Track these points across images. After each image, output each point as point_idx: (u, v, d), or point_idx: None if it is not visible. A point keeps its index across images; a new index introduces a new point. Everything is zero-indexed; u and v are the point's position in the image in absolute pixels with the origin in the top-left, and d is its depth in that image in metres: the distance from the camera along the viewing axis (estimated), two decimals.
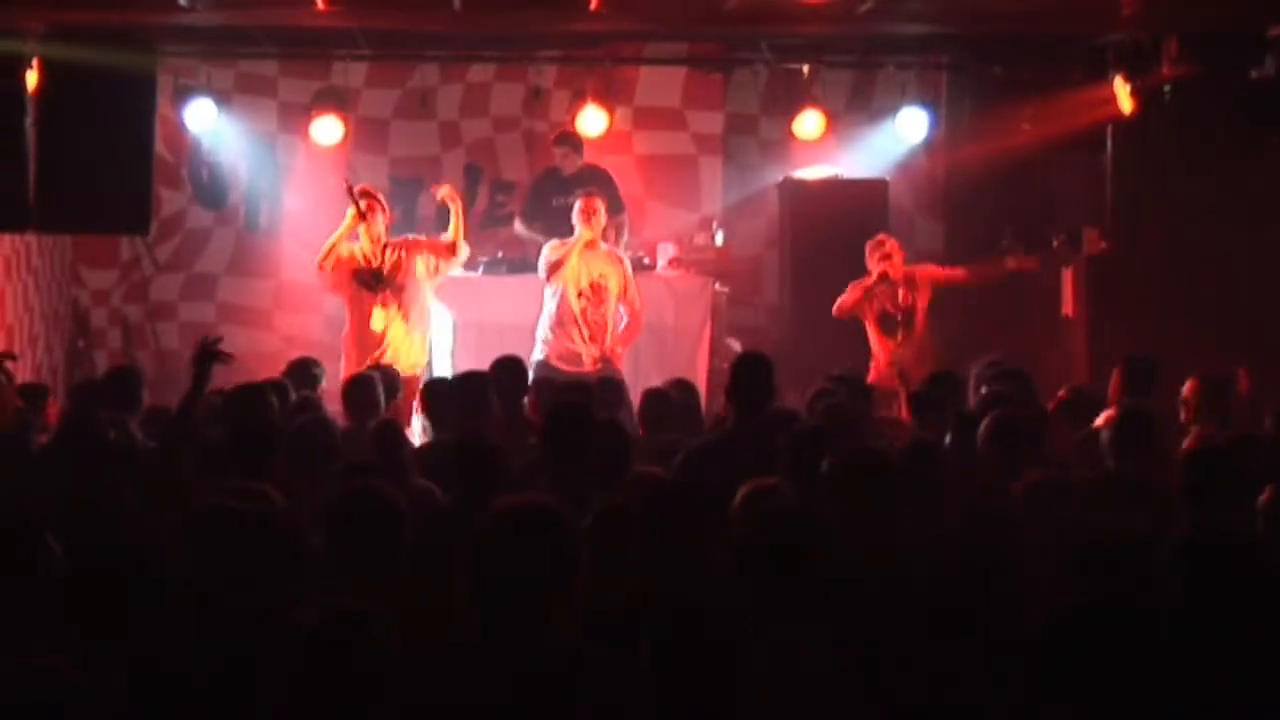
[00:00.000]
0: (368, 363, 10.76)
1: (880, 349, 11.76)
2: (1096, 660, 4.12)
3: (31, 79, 10.66)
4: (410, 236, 11.59)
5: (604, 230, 11.57)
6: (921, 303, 11.86)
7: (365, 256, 11.19)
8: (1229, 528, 5.65)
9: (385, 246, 11.21)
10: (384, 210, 11.29)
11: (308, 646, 3.81)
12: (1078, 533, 5.37)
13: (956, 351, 11.50)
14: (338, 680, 3.75)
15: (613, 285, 11.41)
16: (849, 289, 11.80)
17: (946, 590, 4.89)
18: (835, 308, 11.82)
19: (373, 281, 11.17)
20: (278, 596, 4.63)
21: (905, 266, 11.90)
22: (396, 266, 11.18)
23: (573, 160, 12.93)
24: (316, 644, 3.80)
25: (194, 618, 4.55)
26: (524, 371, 9.41)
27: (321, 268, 11.28)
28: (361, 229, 11.20)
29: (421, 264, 11.26)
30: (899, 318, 11.82)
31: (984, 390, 8.67)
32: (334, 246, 11.19)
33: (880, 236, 12.01)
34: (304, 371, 9.57)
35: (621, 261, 11.60)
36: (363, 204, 11.14)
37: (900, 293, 11.82)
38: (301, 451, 7.13)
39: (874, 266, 11.79)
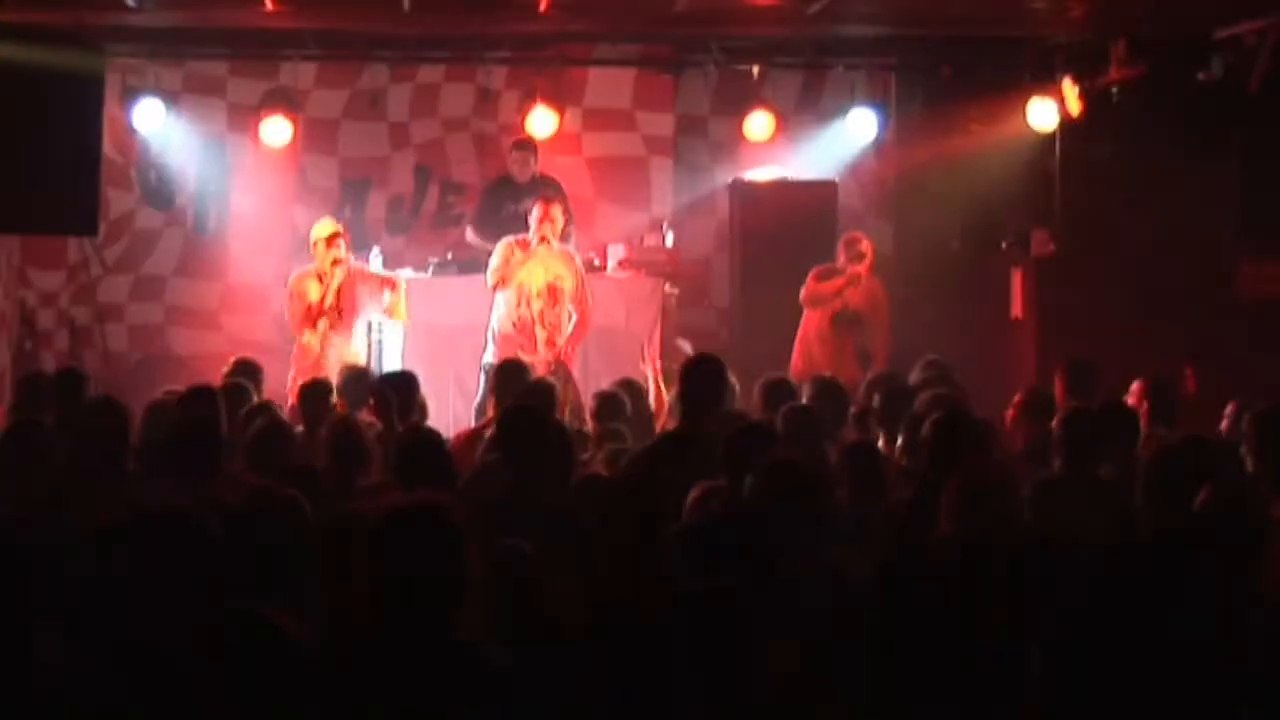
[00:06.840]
0: (308, 375, 10.81)
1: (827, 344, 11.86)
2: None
3: None
4: (367, 270, 11.81)
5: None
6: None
7: (322, 295, 11.34)
8: (1184, 527, 5.65)
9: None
10: (347, 254, 11.46)
11: (205, 647, 3.82)
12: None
13: (909, 353, 11.54)
14: (240, 682, 3.77)
15: (567, 286, 11.38)
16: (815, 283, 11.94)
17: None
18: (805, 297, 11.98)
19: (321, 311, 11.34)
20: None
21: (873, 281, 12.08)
22: (339, 294, 11.33)
23: (528, 167, 12.87)
24: (213, 645, 3.81)
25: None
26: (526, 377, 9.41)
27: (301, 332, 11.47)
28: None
29: (369, 297, 11.52)
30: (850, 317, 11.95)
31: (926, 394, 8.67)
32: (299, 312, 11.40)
33: (856, 234, 12.16)
34: (249, 372, 9.58)
35: (574, 260, 11.57)
36: (330, 259, 11.31)
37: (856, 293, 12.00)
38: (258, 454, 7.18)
39: (846, 264, 11.89)
